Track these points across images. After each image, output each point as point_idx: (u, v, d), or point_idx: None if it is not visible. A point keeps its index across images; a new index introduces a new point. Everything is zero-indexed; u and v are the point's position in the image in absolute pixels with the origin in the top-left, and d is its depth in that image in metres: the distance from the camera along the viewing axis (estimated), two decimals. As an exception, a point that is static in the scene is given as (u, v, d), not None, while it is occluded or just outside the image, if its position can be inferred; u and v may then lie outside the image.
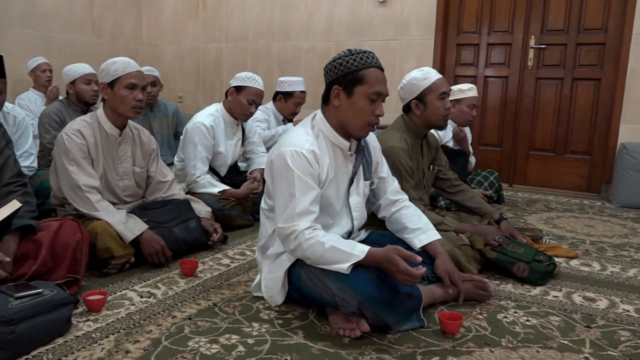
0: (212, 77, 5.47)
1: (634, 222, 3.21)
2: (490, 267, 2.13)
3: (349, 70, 1.63)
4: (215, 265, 2.20)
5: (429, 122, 2.26)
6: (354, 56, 1.64)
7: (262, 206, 1.80)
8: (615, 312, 1.81)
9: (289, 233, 1.58)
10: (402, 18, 4.46)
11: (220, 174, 2.95)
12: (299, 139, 1.66)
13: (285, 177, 1.60)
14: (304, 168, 1.60)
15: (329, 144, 1.71)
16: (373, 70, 1.64)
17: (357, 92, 1.63)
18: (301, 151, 1.61)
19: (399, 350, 1.48)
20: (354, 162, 1.76)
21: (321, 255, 1.53)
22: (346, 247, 1.53)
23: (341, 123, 1.69)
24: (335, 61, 1.67)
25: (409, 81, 2.25)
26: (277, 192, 1.64)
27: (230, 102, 2.86)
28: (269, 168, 1.68)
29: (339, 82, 1.65)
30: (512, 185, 4.32)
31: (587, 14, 3.95)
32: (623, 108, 3.80)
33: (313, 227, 1.58)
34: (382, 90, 1.65)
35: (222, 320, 1.65)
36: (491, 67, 4.34)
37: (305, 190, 1.59)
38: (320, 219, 1.66)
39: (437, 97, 2.21)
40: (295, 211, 1.57)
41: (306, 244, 1.55)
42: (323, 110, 1.74)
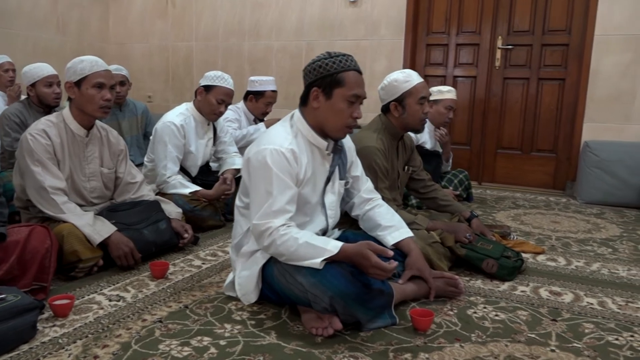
0: (182, 76, 5.40)
1: (597, 217, 3.31)
2: (461, 263, 2.17)
3: (328, 73, 1.65)
4: (186, 266, 2.17)
5: (407, 124, 2.28)
6: (333, 59, 1.66)
7: (237, 204, 1.80)
8: (580, 305, 1.86)
9: (263, 230, 1.58)
10: (372, 18, 4.49)
11: (192, 175, 2.92)
12: (279, 137, 1.67)
13: (263, 175, 1.61)
14: (282, 167, 1.61)
15: (307, 143, 1.72)
16: (352, 73, 1.66)
17: (336, 94, 1.65)
18: (281, 149, 1.62)
19: (372, 347, 1.49)
20: (331, 161, 1.78)
21: (295, 251, 1.54)
22: (320, 243, 1.55)
23: (319, 124, 1.71)
24: (314, 63, 1.68)
25: (390, 82, 2.26)
26: (254, 190, 1.64)
27: (200, 102, 2.83)
28: (247, 165, 1.68)
29: (318, 84, 1.67)
30: (481, 183, 4.40)
31: (552, 15, 4.06)
32: (586, 107, 3.92)
33: (287, 225, 1.59)
34: (360, 92, 1.67)
35: (193, 322, 1.63)
36: (460, 67, 4.42)
37: (282, 189, 1.60)
38: (296, 217, 1.66)
39: (416, 101, 2.23)
40: (272, 209, 1.58)
41: (280, 240, 1.56)
42: (301, 111, 1.75)
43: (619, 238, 2.82)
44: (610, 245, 2.67)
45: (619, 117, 3.83)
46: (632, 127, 3.81)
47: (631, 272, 2.24)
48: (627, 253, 2.54)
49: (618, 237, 2.83)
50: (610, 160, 3.66)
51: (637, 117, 3.79)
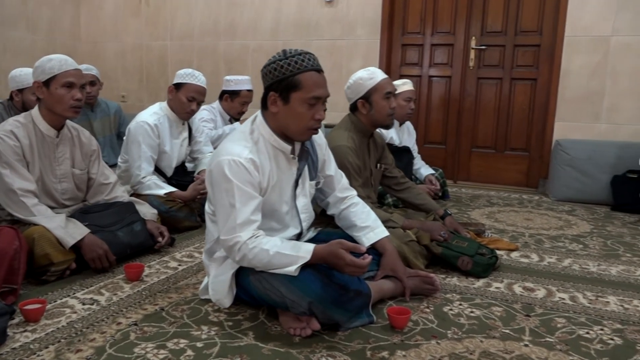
0: (157, 75, 5.32)
1: (568, 214, 3.39)
2: (437, 261, 2.19)
3: (283, 76, 1.57)
4: (162, 268, 2.15)
5: (375, 121, 2.31)
6: (288, 60, 1.58)
7: (207, 210, 1.77)
8: (552, 300, 1.90)
9: (232, 245, 1.56)
10: (348, 18, 4.50)
11: (167, 175, 2.88)
12: (237, 147, 1.61)
13: (225, 187, 1.57)
14: (242, 177, 1.57)
15: (270, 148, 1.67)
16: (309, 75, 1.58)
17: (294, 98, 1.59)
18: (239, 160, 1.57)
19: (349, 346, 1.50)
20: (297, 164, 1.74)
21: (268, 262, 1.53)
22: (291, 251, 1.53)
23: (281, 128, 1.66)
24: (270, 65, 1.61)
25: (355, 81, 2.29)
26: (217, 202, 1.61)
27: (171, 101, 2.79)
28: (209, 177, 1.64)
29: (274, 88, 1.61)
30: (456, 182, 4.46)
31: (523, 16, 4.14)
32: (557, 107, 4.00)
33: (255, 235, 1.56)
34: (320, 94, 1.60)
35: (169, 325, 1.61)
36: (435, 67, 4.46)
37: (245, 200, 1.56)
38: (267, 224, 1.64)
39: (382, 97, 2.26)
40: (237, 222, 1.55)
41: (251, 253, 1.54)
42: (263, 114, 1.69)
43: (590, 234, 2.89)
44: (581, 241, 2.74)
45: (588, 116, 3.93)
46: (600, 125, 3.91)
47: (601, 268, 2.30)
48: (597, 249, 2.60)
49: (588, 234, 2.90)
50: (580, 159, 3.75)
51: (605, 116, 3.89)
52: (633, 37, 3.74)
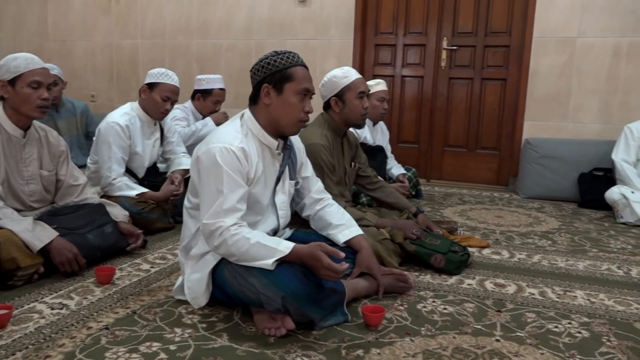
0: (128, 75, 5.24)
1: (537, 211, 3.46)
2: (410, 259, 2.22)
3: (277, 69, 1.67)
4: (134, 271, 2.11)
5: (348, 120, 2.32)
6: (280, 56, 1.68)
7: (186, 204, 1.77)
8: (522, 295, 1.95)
9: (214, 229, 1.56)
10: (321, 18, 4.51)
11: (138, 176, 2.84)
12: (229, 135, 1.66)
13: (214, 173, 1.59)
14: (232, 165, 1.60)
15: (257, 142, 1.72)
16: (300, 68, 1.69)
17: (287, 89, 1.67)
18: (230, 148, 1.61)
19: (324, 345, 1.50)
20: (281, 160, 1.78)
21: (246, 251, 1.53)
22: (271, 243, 1.54)
23: (272, 121, 1.71)
24: (262, 61, 1.70)
25: (329, 79, 2.32)
26: (203, 188, 1.62)
27: (144, 101, 2.75)
28: (196, 164, 1.66)
29: (268, 80, 1.68)
30: (429, 181, 4.51)
31: (493, 18, 4.21)
32: (526, 106, 4.09)
33: (239, 224, 1.58)
34: (310, 87, 1.70)
35: (142, 328, 1.59)
36: (407, 67, 4.51)
37: (233, 187, 1.59)
38: (247, 216, 1.65)
39: (355, 96, 2.28)
40: (223, 208, 1.57)
41: (231, 240, 1.54)
42: (251, 110, 1.75)
43: (558, 231, 2.96)
44: (549, 237, 2.80)
45: (556, 116, 4.03)
46: (568, 125, 4.01)
47: (569, 263, 2.36)
48: (565, 245, 2.67)
49: (557, 230, 2.98)
50: (548, 157, 3.84)
51: (572, 115, 3.99)
52: (597, 38, 3.85)
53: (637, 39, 3.77)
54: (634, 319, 1.76)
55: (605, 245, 2.69)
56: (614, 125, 3.83)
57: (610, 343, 1.57)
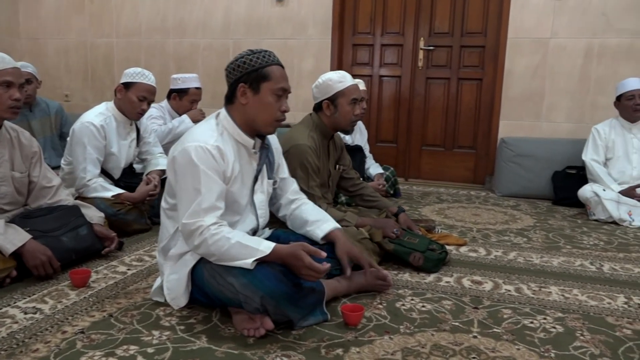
0: (102, 74, 5.15)
1: (513, 209, 3.52)
2: (389, 258, 2.23)
3: (253, 68, 1.66)
4: (110, 273, 2.08)
5: (337, 124, 2.33)
6: (256, 55, 1.67)
7: (163, 205, 1.75)
8: (499, 292, 1.98)
9: (194, 229, 1.55)
10: (299, 17, 4.51)
11: (114, 177, 2.79)
12: (204, 134, 1.65)
13: (190, 172, 1.58)
14: (209, 163, 1.59)
15: (233, 141, 1.71)
16: (276, 68, 1.68)
17: (264, 88, 1.66)
18: (206, 146, 1.60)
19: (304, 345, 1.50)
20: (258, 160, 1.78)
21: (226, 251, 1.52)
22: (252, 243, 1.54)
23: (248, 120, 1.71)
24: (237, 60, 1.69)
25: (324, 81, 2.31)
26: (181, 188, 1.61)
27: (120, 100, 2.71)
28: (172, 164, 1.65)
29: (244, 79, 1.67)
30: (407, 180, 4.55)
31: (469, 18, 4.27)
32: (502, 106, 4.15)
33: (219, 224, 1.57)
34: (286, 86, 1.70)
35: (118, 331, 1.56)
36: (385, 67, 4.54)
37: (211, 185, 1.58)
38: (226, 216, 1.65)
39: (348, 102, 2.30)
40: (202, 207, 1.56)
41: (212, 239, 1.53)
42: (227, 109, 1.74)
43: (533, 228, 3.02)
44: (525, 235, 2.85)
45: (530, 115, 4.10)
46: (542, 124, 4.09)
47: (543, 259, 2.41)
48: (540, 242, 2.72)
49: (532, 227, 3.03)
50: (523, 155, 3.91)
51: (546, 114, 4.07)
52: (569, 39, 3.94)
53: (607, 40, 3.87)
54: (606, 313, 1.80)
55: (579, 241, 2.75)
56: (586, 125, 3.92)
57: (584, 337, 1.61)
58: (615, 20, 3.83)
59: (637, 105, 3.31)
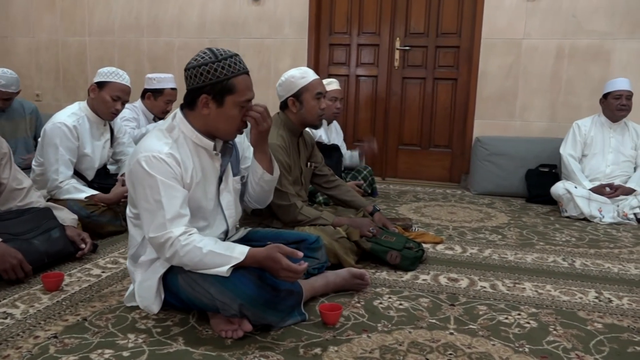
0: (75, 73, 5.05)
1: (488, 207, 3.58)
2: (366, 257, 2.25)
3: (217, 80, 1.55)
4: (84, 276, 2.04)
5: (304, 120, 2.33)
6: (221, 62, 1.56)
7: (128, 214, 1.70)
8: (475, 289, 2.01)
9: (163, 242, 1.51)
10: (275, 17, 4.49)
11: (87, 178, 2.74)
12: (156, 143, 1.57)
13: (148, 184, 1.52)
14: (165, 172, 1.53)
15: (191, 145, 1.63)
16: (242, 78, 1.59)
17: (228, 101, 1.58)
18: (159, 155, 1.53)
19: (282, 345, 1.50)
20: (220, 160, 1.72)
21: (200, 261, 1.49)
22: (225, 251, 1.51)
23: (209, 129, 1.63)
24: (200, 67, 1.56)
25: (287, 79, 2.30)
26: (142, 202, 1.55)
27: (93, 100, 2.66)
28: (129, 177, 1.59)
29: (207, 91, 1.57)
30: (384, 179, 4.57)
31: (444, 19, 4.32)
32: (476, 105, 4.21)
33: (189, 232, 1.52)
34: (251, 96, 1.63)
35: (93, 335, 1.54)
36: (362, 66, 4.56)
37: (171, 194, 1.53)
38: (194, 222, 1.60)
39: (312, 97, 2.28)
40: (166, 218, 1.50)
41: (183, 250, 1.49)
42: (185, 113, 1.64)
43: (507, 225, 3.07)
44: (499, 232, 2.90)
45: (504, 114, 4.17)
46: (515, 123, 4.16)
47: (517, 256, 2.45)
48: (514, 239, 2.77)
49: (506, 225, 3.09)
50: (498, 154, 3.97)
51: (519, 114, 4.14)
52: (540, 40, 4.02)
53: (577, 41, 3.95)
54: (578, 308, 1.85)
55: (551, 238, 2.81)
56: (558, 124, 4.00)
57: (557, 332, 1.65)
58: (585, 22, 3.92)
59: (623, 105, 3.39)
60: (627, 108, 3.40)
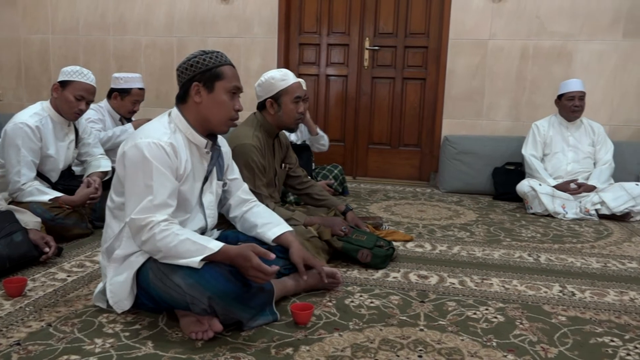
0: (38, 72, 4.90)
1: (456, 205, 3.64)
2: (338, 256, 2.26)
3: (207, 68, 1.67)
4: (48, 281, 1.98)
5: (281, 122, 2.32)
6: (209, 55, 1.69)
7: (109, 204, 1.70)
8: (444, 285, 2.04)
9: (144, 224, 1.53)
10: (244, 16, 4.46)
11: (51, 180, 2.67)
12: (157, 131, 1.64)
13: (142, 168, 1.56)
14: (162, 160, 1.58)
15: (185, 140, 1.70)
16: (228, 67, 1.71)
17: (218, 87, 1.67)
18: (160, 143, 1.59)
19: (253, 346, 1.49)
20: (209, 160, 1.77)
21: (174, 247, 1.50)
22: (201, 240, 1.53)
23: (202, 120, 1.70)
24: (190, 60, 1.69)
25: (267, 79, 2.30)
26: (131, 184, 1.58)
27: (56, 100, 2.59)
28: (122, 160, 1.61)
29: (198, 79, 1.67)
30: (355, 178, 4.60)
31: (412, 19, 4.37)
32: (444, 105, 4.28)
33: (170, 221, 1.55)
34: (239, 85, 1.73)
35: (58, 341, 1.50)
36: (332, 66, 4.57)
37: (163, 182, 1.57)
38: (176, 213, 1.62)
39: (291, 100, 2.29)
40: (153, 203, 1.54)
41: (160, 235, 1.51)
42: (180, 109, 1.73)
43: (475, 222, 3.13)
44: (468, 229, 2.96)
45: (471, 114, 4.25)
46: (482, 122, 4.25)
47: (485, 252, 2.51)
48: (482, 235, 2.83)
49: (474, 222, 3.15)
50: (465, 153, 4.05)
51: (485, 113, 4.23)
52: (506, 41, 4.11)
53: (541, 42, 4.06)
54: (543, 302, 1.90)
55: (517, 234, 2.87)
56: (522, 123, 4.10)
57: (523, 325, 1.69)
58: (548, 23, 4.03)
59: (576, 106, 3.50)
60: (580, 109, 3.53)
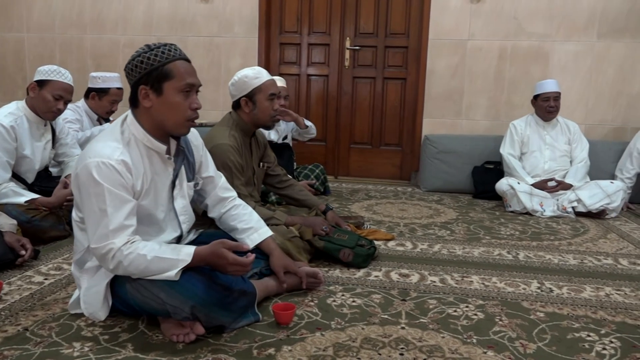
0: (12, 71, 4.80)
1: (437, 204, 3.68)
2: (319, 255, 2.26)
3: (152, 67, 1.51)
4: (24, 284, 1.95)
5: (257, 121, 2.31)
6: (154, 51, 1.53)
7: (74, 217, 1.63)
8: (425, 284, 2.06)
9: (104, 252, 1.45)
10: (225, 15, 4.43)
11: (27, 181, 2.61)
12: (106, 148, 1.49)
13: (94, 192, 1.45)
14: (113, 180, 1.46)
15: (143, 149, 1.57)
16: (179, 63, 1.54)
17: (167, 88, 1.52)
18: (109, 162, 1.46)
19: (235, 347, 1.49)
20: (174, 165, 1.67)
21: (145, 268, 1.45)
22: (170, 254, 1.46)
23: (157, 124, 1.57)
24: (134, 60, 1.53)
25: (240, 78, 2.28)
26: (86, 209, 1.48)
27: (33, 99, 2.54)
28: (75, 181, 1.51)
29: (144, 81, 1.52)
30: (337, 177, 4.61)
31: (392, 20, 4.40)
32: (425, 104, 4.32)
33: (131, 241, 1.47)
34: (193, 81, 1.56)
35: (35, 346, 1.47)
36: (313, 66, 4.57)
37: (117, 204, 1.46)
38: (142, 230, 1.55)
39: (266, 98, 2.27)
40: (109, 229, 1.44)
41: (126, 260, 1.44)
42: (133, 113, 1.59)
43: (455, 221, 3.17)
44: (448, 227, 2.99)
45: (451, 113, 4.29)
46: (462, 121, 4.29)
47: (465, 250, 2.53)
48: (462, 234, 2.86)
49: (455, 220, 3.18)
50: (446, 152, 4.09)
51: (465, 112, 4.28)
52: (484, 41, 4.16)
53: (518, 42, 4.12)
54: (522, 298, 1.93)
55: (497, 232, 2.91)
56: (501, 122, 4.16)
57: (502, 322, 1.71)
58: (525, 24, 4.09)
59: (551, 107, 3.57)
60: (556, 109, 3.59)
